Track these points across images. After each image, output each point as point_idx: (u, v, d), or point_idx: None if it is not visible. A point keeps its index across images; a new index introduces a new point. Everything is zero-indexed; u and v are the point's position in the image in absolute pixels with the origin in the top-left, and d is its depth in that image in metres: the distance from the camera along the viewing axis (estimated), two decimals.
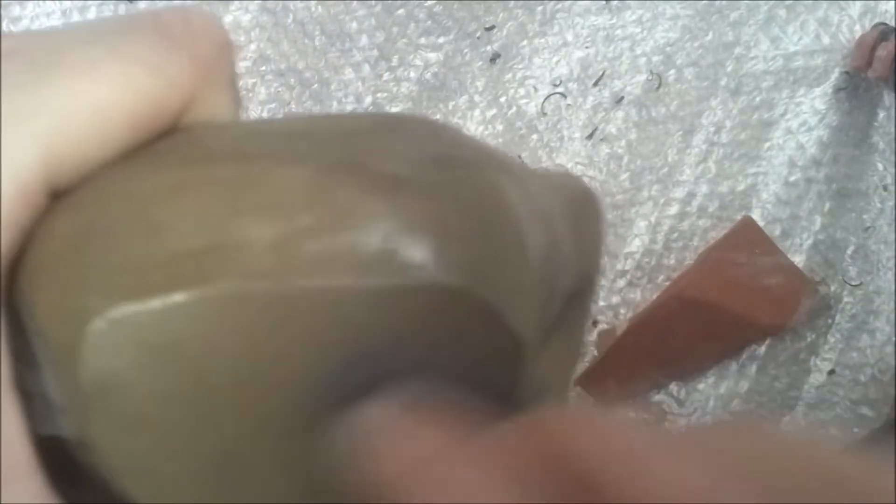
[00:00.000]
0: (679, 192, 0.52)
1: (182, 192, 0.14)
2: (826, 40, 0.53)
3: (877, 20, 0.52)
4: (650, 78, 0.53)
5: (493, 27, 0.54)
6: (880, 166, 0.52)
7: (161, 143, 0.15)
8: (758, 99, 0.52)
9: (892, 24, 0.52)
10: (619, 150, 0.52)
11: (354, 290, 0.13)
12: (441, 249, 0.14)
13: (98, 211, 0.14)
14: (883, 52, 0.49)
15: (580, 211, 0.21)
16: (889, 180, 0.52)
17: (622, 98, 0.53)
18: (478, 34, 0.54)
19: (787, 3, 0.53)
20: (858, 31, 0.52)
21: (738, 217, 0.51)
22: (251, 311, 0.13)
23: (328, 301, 0.13)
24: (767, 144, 0.52)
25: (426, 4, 0.54)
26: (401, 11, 0.54)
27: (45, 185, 0.13)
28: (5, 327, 0.14)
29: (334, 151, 0.14)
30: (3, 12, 0.57)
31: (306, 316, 0.13)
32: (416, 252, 0.13)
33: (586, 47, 0.53)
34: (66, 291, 0.13)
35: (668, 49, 0.53)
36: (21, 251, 0.14)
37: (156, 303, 0.13)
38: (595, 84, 0.53)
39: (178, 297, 0.13)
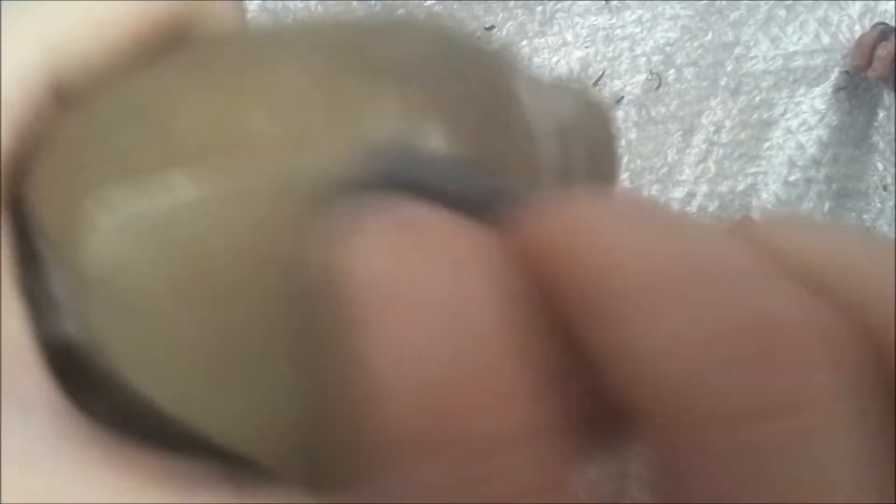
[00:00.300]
0: (679, 192, 0.52)
1: (191, 92, 0.14)
2: (826, 40, 0.53)
3: (877, 20, 0.52)
4: (650, 78, 0.53)
5: (492, 27, 0.54)
6: (880, 166, 0.52)
7: (169, 52, 0.15)
8: (757, 99, 0.52)
9: (892, 23, 0.52)
10: (619, 150, 0.52)
11: (370, 168, 0.13)
12: (452, 138, 0.14)
13: (107, 112, 0.14)
14: (883, 51, 0.49)
15: (592, 118, 0.20)
16: (889, 180, 0.52)
17: (622, 98, 0.53)
18: (477, 34, 0.54)
19: (786, 3, 0.53)
20: (858, 30, 0.52)
21: (738, 217, 0.51)
22: (259, 206, 0.13)
23: (345, 183, 0.13)
24: (767, 144, 0.52)
25: (426, 4, 0.54)
26: (401, 12, 0.54)
27: (48, 81, 0.14)
28: (6, 228, 0.14)
29: (342, 48, 0.15)
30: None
31: (315, 209, 0.13)
32: (428, 141, 0.13)
33: (586, 47, 0.53)
34: (73, 188, 0.14)
35: (667, 49, 0.53)
36: (27, 152, 0.14)
37: (164, 198, 0.13)
38: (595, 84, 0.53)
39: (187, 193, 0.13)
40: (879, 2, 0.53)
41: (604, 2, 0.53)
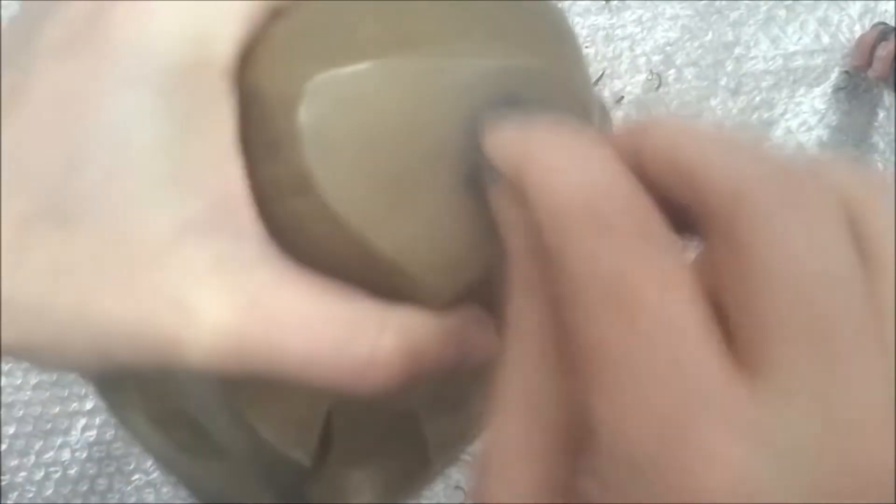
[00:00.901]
0: None
1: (364, 5, 0.20)
2: (826, 40, 0.53)
3: (876, 20, 0.52)
4: (650, 78, 0.53)
5: None
6: (880, 166, 0.52)
7: None
8: (757, 98, 0.52)
9: (892, 23, 0.52)
10: None
11: (477, 66, 0.20)
12: (538, 60, 0.22)
13: (306, 16, 0.20)
14: (883, 51, 0.49)
15: (602, 114, 0.28)
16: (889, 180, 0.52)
17: (622, 98, 0.53)
18: None
19: (786, 2, 0.53)
20: (858, 30, 0.52)
21: None
22: (419, 76, 0.20)
23: (472, 71, 0.20)
24: (767, 144, 0.52)
25: None
26: None
27: (270, 4, 0.20)
28: (233, 99, 0.19)
29: (465, 1, 0.21)
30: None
31: (457, 81, 0.20)
32: (526, 59, 0.21)
33: (586, 47, 0.53)
34: (288, 65, 0.20)
35: (667, 49, 0.53)
36: (251, 49, 0.20)
37: (350, 68, 0.19)
38: (595, 84, 0.53)
39: (365, 65, 0.20)
40: (879, 2, 0.53)
41: (604, 2, 0.53)
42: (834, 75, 0.53)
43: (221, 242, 0.19)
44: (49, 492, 0.46)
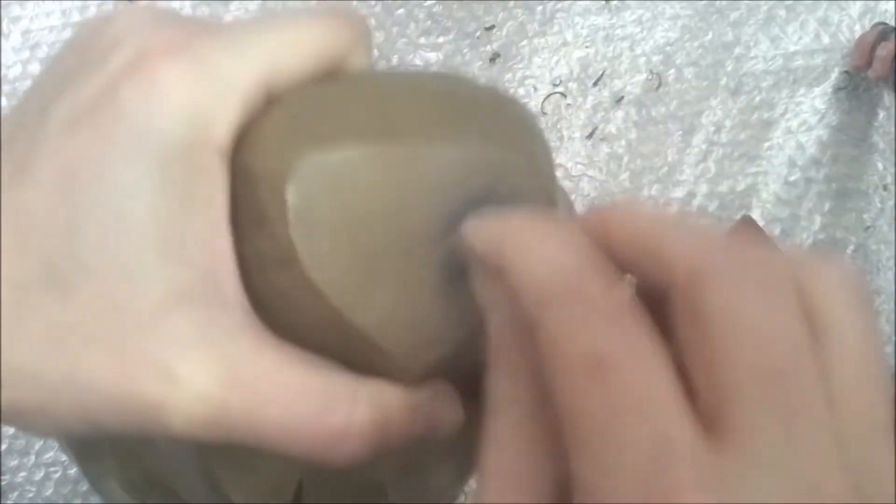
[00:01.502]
0: (679, 192, 0.52)
1: (351, 96, 0.22)
2: (826, 40, 0.53)
3: (877, 20, 0.52)
4: (650, 77, 0.53)
5: (492, 27, 0.54)
6: (880, 166, 0.52)
7: (327, 79, 0.23)
8: (758, 98, 0.52)
9: (892, 23, 0.52)
10: (619, 150, 0.52)
11: (454, 154, 0.22)
12: (510, 152, 0.23)
13: (299, 102, 0.22)
14: (883, 51, 0.49)
15: (566, 205, 0.32)
16: (889, 180, 0.52)
17: (622, 98, 0.53)
18: (477, 34, 0.54)
19: (786, 2, 0.53)
20: (858, 30, 0.52)
21: (738, 217, 0.51)
22: (401, 163, 0.21)
23: (451, 160, 0.22)
24: (767, 144, 0.52)
25: (426, 4, 0.54)
26: (400, 11, 0.54)
27: (265, 91, 0.21)
28: (225, 174, 0.21)
29: (445, 95, 0.23)
30: (2, 12, 0.57)
31: (436, 168, 0.21)
32: (500, 152, 0.23)
33: (586, 47, 0.53)
34: (278, 146, 0.21)
35: (667, 49, 0.53)
36: (245, 131, 0.21)
37: (337, 153, 0.21)
38: (595, 84, 0.53)
39: (351, 151, 0.21)
40: (879, 2, 0.53)
41: (604, 2, 0.53)
42: (834, 75, 0.52)
43: (207, 313, 0.20)
44: (49, 492, 0.46)
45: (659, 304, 0.18)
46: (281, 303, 0.21)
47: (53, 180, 0.19)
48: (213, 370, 0.19)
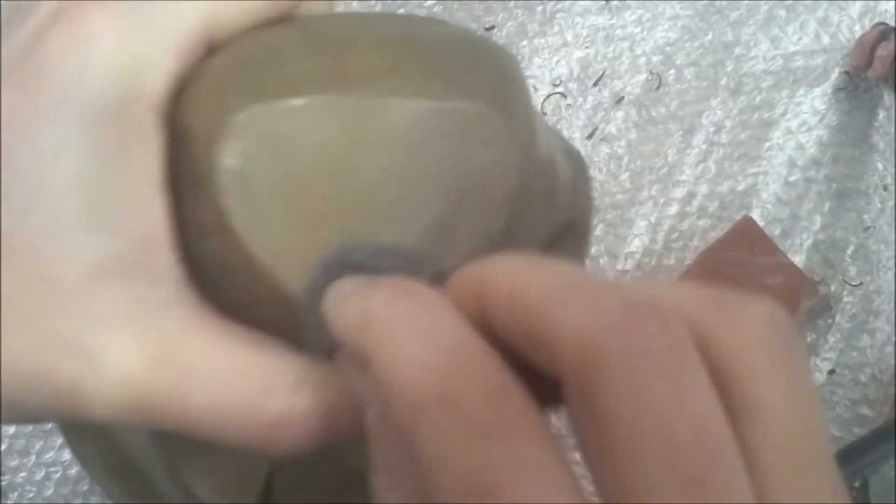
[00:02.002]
0: (679, 192, 0.52)
1: (301, 43, 0.20)
2: (826, 40, 0.53)
3: (877, 20, 0.52)
4: (650, 78, 0.53)
5: (492, 27, 0.54)
6: (880, 166, 0.52)
7: (276, 24, 0.21)
8: (758, 99, 0.52)
9: (892, 23, 0.52)
10: (619, 150, 0.52)
11: (415, 106, 0.19)
12: (478, 98, 0.20)
13: (242, 50, 0.20)
14: (883, 51, 0.49)
15: (575, 161, 0.28)
16: (889, 180, 0.52)
17: (622, 98, 0.53)
18: (477, 34, 0.54)
19: (786, 3, 0.53)
20: (858, 30, 0.52)
21: (738, 217, 0.51)
22: (353, 118, 0.19)
23: (395, 111, 0.19)
24: (767, 144, 0.52)
25: (426, 4, 0.54)
26: (400, 11, 0.54)
27: (205, 40, 0.20)
28: (161, 137, 0.19)
29: (408, 40, 0.21)
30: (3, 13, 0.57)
31: (380, 120, 0.19)
32: (464, 101, 0.20)
33: (586, 47, 0.53)
34: (217, 100, 0.19)
35: (667, 49, 0.53)
36: (183, 84, 0.19)
37: (280, 104, 0.19)
38: (595, 84, 0.53)
39: (296, 101, 0.19)
40: (879, 2, 0.53)
41: (604, 2, 0.53)
42: (834, 75, 0.53)
43: (136, 286, 0.18)
44: (49, 492, 0.46)
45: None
46: (220, 275, 0.19)
47: None
48: (136, 350, 0.18)
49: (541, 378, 0.15)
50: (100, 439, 0.28)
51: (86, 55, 0.18)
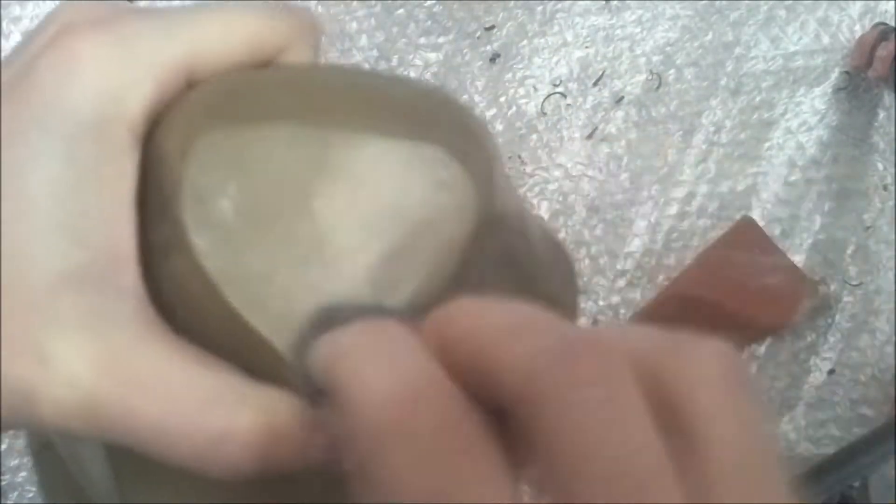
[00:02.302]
0: (679, 192, 0.52)
1: (274, 81, 0.21)
2: (826, 40, 0.53)
3: (877, 20, 0.52)
4: (650, 78, 0.53)
5: (492, 27, 0.54)
6: (880, 166, 0.52)
7: (255, 68, 0.22)
8: (758, 99, 0.52)
9: (892, 23, 0.52)
10: (619, 150, 0.52)
11: (377, 142, 0.20)
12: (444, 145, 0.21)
13: (218, 84, 0.21)
14: (883, 51, 0.49)
15: (554, 246, 0.29)
16: (889, 180, 0.52)
17: (622, 98, 0.53)
18: (477, 34, 0.54)
19: (787, 3, 0.53)
20: (858, 30, 0.52)
21: (738, 217, 0.51)
22: (314, 149, 0.20)
23: (358, 145, 0.20)
24: (767, 144, 0.52)
25: (426, 4, 0.54)
26: (400, 11, 0.54)
27: (186, 74, 0.21)
28: (135, 156, 0.20)
29: (379, 87, 0.22)
30: (2, 12, 0.57)
31: (343, 152, 0.20)
32: (422, 143, 0.21)
33: (586, 47, 0.53)
34: (187, 123, 0.20)
35: (667, 49, 0.53)
36: (161, 112, 0.21)
37: (246, 129, 0.20)
38: (595, 84, 0.53)
39: (262, 127, 0.20)
40: (880, 2, 0.53)
41: (604, 2, 0.53)
42: (834, 75, 0.53)
43: (97, 297, 0.19)
44: None
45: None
46: (177, 294, 0.20)
47: None
48: (88, 356, 0.18)
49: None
50: (63, 452, 0.28)
51: (72, 76, 0.19)
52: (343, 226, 0.20)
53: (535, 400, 0.15)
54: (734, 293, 0.48)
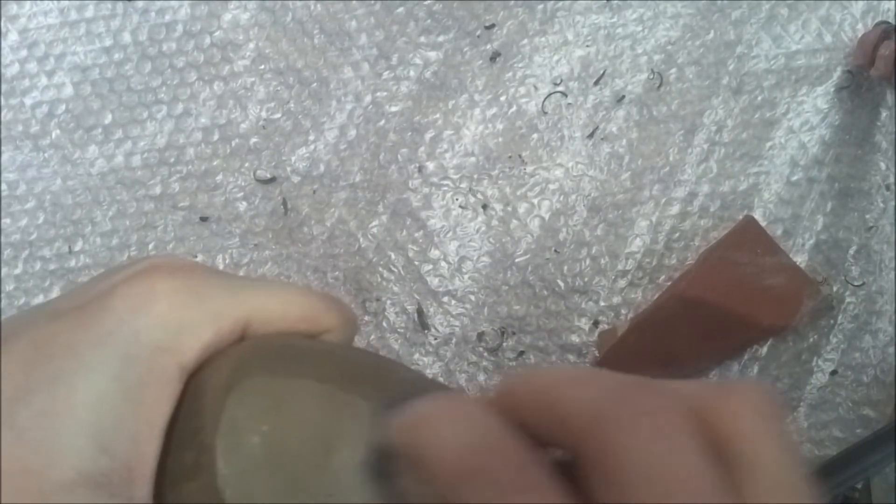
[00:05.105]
0: (680, 192, 0.51)
1: (312, 350, 0.25)
2: (828, 39, 0.52)
3: (879, 19, 0.52)
4: (651, 77, 0.52)
5: (493, 25, 0.53)
6: (883, 165, 0.51)
7: (293, 336, 0.26)
8: (759, 98, 0.52)
9: (895, 22, 0.51)
10: (620, 150, 0.52)
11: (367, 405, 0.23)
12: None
13: (267, 341, 0.25)
14: (885, 50, 0.49)
15: None
16: (892, 180, 0.51)
17: (623, 97, 0.52)
18: (478, 33, 0.53)
19: (788, 1, 0.53)
20: (861, 29, 0.52)
21: (740, 217, 0.51)
22: (341, 403, 0.22)
23: (374, 414, 0.22)
24: (769, 144, 0.52)
25: (426, 3, 0.54)
26: (400, 10, 0.54)
27: (242, 328, 0.24)
28: (176, 390, 0.23)
29: (394, 374, 0.25)
30: (1, 11, 0.57)
31: (359, 416, 0.22)
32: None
33: (587, 46, 0.53)
34: (234, 366, 0.23)
35: (669, 48, 0.53)
36: (209, 361, 0.24)
37: (282, 379, 0.22)
38: (596, 83, 0.53)
39: (300, 381, 0.23)
40: (882, 1, 0.52)
41: (605, 0, 0.53)
42: (836, 74, 0.52)
43: (108, 502, 0.21)
44: None
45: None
46: None
47: (23, 350, 0.21)
48: None
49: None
50: None
51: (146, 305, 0.22)
52: (355, 485, 0.22)
53: (601, 435, 0.17)
54: (736, 293, 0.48)
